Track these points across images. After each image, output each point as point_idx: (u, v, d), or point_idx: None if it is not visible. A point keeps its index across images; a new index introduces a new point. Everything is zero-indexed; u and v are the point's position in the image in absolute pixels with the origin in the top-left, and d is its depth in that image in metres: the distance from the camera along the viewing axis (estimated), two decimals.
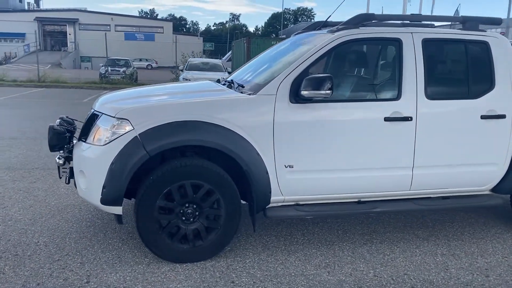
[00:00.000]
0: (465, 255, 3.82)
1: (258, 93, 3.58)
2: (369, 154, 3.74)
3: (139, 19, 57.35)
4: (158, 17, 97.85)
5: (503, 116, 3.97)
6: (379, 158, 3.77)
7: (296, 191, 3.71)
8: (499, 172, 4.07)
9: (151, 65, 50.05)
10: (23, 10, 54.82)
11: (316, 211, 3.76)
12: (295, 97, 3.53)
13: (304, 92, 3.46)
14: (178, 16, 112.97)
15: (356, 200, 3.92)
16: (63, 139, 3.77)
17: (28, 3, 62.90)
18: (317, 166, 3.67)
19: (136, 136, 3.29)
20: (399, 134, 3.77)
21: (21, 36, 50.29)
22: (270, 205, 3.72)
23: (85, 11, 55.12)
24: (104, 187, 3.31)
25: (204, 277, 3.30)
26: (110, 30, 52.65)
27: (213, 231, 3.54)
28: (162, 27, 56.22)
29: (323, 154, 3.65)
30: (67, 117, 4.06)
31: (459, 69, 4.13)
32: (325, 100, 3.60)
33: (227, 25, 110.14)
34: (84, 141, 3.56)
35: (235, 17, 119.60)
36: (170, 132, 3.32)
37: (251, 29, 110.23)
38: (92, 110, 3.82)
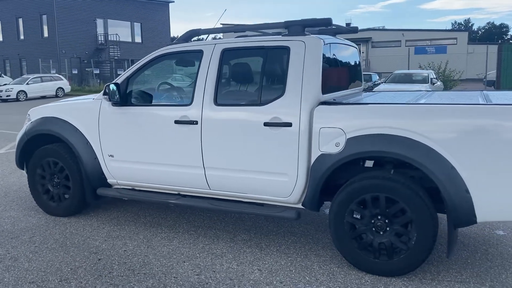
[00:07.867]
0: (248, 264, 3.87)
1: (95, 98, 4.76)
2: (165, 152, 4.31)
3: (430, 32, 55.92)
4: (473, 28, 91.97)
5: (288, 124, 3.74)
6: (174, 156, 4.28)
7: (123, 177, 4.66)
8: (292, 184, 3.80)
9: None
10: None
11: (130, 195, 4.60)
12: None
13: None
14: (498, 24, 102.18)
15: (176, 192, 4.51)
16: None
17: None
18: (127, 158, 4.54)
19: (28, 124, 5.09)
20: (186, 135, 4.18)
21: None
22: (115, 187, 4.82)
23: (379, 29, 58.00)
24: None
25: (38, 224, 4.81)
26: (400, 46, 53.92)
27: (68, 199, 4.95)
28: (456, 38, 53.23)
29: (130, 148, 4.49)
30: None
31: (253, 76, 4.05)
32: (132, 104, 4.47)
33: None
34: None
35: None
36: (38, 124, 4.97)
37: None
38: None
